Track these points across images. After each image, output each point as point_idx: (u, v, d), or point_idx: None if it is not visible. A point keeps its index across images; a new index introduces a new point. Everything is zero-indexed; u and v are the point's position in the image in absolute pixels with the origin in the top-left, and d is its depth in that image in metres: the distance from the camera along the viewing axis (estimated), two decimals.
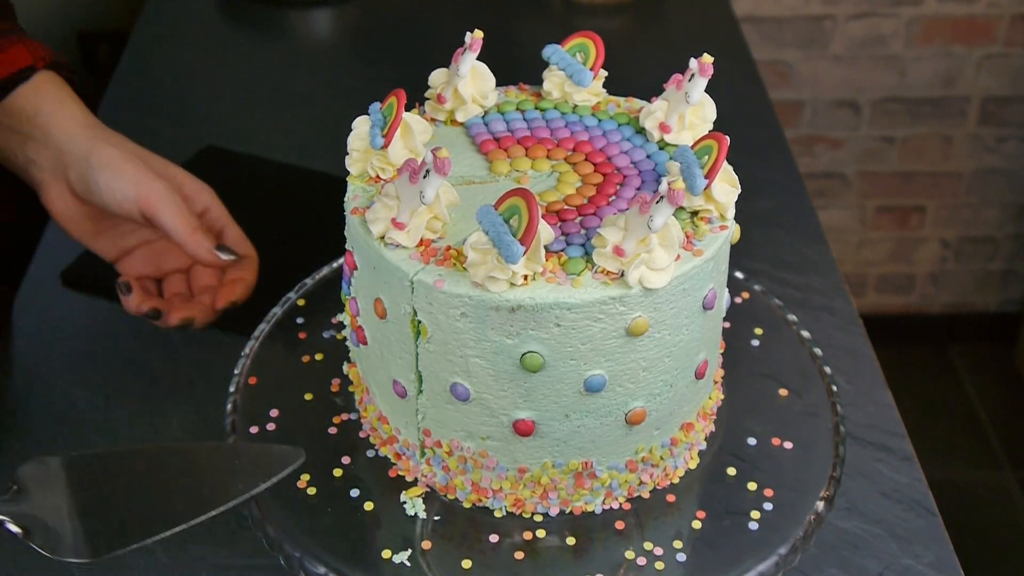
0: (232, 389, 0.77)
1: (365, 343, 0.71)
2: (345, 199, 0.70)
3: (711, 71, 0.71)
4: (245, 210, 0.91)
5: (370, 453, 0.74)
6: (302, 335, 0.82)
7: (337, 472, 0.73)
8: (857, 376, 0.93)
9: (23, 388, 0.92)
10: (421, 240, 0.65)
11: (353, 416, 0.77)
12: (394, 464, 0.73)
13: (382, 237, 0.66)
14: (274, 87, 1.37)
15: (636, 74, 0.89)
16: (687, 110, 0.73)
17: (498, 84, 0.78)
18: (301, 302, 0.84)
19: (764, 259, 1.05)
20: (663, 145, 0.74)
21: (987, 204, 2.24)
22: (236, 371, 0.79)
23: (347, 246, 0.70)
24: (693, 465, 0.74)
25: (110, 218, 0.85)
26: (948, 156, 2.18)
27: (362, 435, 0.75)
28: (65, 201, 0.83)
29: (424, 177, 0.63)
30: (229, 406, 0.76)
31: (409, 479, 0.72)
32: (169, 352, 0.94)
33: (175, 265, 0.88)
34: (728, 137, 0.66)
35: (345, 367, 0.78)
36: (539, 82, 0.80)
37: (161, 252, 0.87)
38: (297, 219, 0.82)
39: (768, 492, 0.72)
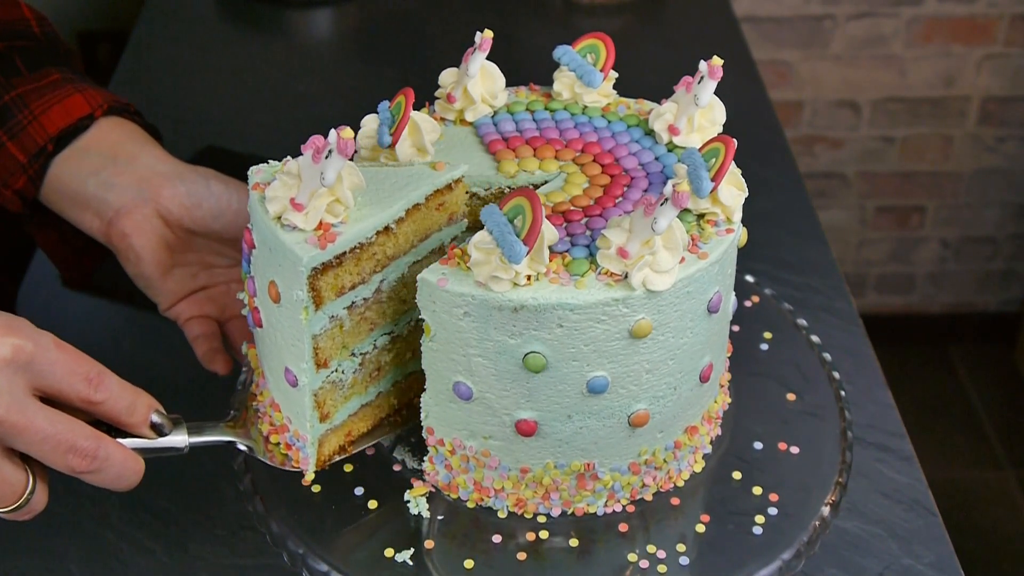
0: (237, 387, 0.77)
1: (260, 326, 0.69)
2: (248, 172, 0.67)
3: (720, 74, 0.70)
4: None
5: (371, 452, 0.74)
6: None
7: (343, 470, 0.73)
8: (857, 376, 0.93)
9: None
10: (320, 223, 0.63)
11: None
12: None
13: (279, 217, 0.63)
14: (274, 87, 1.37)
15: (636, 74, 0.88)
16: (696, 112, 0.73)
17: None
18: None
19: (764, 259, 1.05)
20: (672, 147, 0.74)
21: (987, 204, 2.24)
22: (243, 368, 0.79)
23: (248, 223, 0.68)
24: (698, 469, 0.74)
25: (189, 247, 0.81)
26: (948, 156, 2.18)
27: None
28: (151, 224, 0.78)
29: (326, 157, 0.60)
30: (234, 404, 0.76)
31: (297, 469, 0.70)
32: (170, 351, 0.93)
33: (238, 310, 0.83)
34: (735, 140, 0.66)
35: (245, 347, 0.76)
36: (539, 81, 0.80)
37: (225, 295, 0.84)
38: None
39: (773, 497, 0.71)
